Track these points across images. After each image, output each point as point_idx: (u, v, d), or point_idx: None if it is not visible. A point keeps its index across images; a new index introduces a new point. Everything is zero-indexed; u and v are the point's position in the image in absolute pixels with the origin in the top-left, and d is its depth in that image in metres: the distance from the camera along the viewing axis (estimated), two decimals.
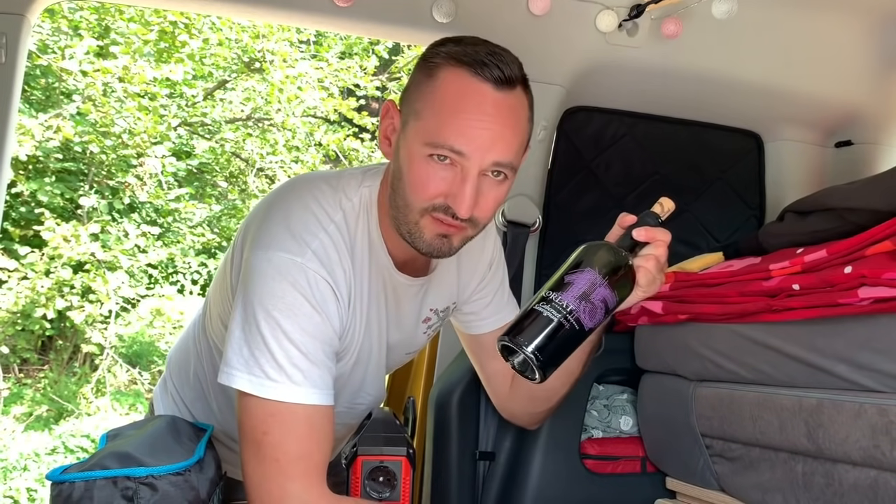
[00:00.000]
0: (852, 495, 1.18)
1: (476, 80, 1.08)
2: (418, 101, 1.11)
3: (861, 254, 1.19)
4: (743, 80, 1.89)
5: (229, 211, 8.16)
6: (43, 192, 6.30)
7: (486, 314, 1.44)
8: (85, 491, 0.96)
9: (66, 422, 6.11)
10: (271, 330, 1.06)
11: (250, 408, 1.07)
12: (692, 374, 1.55)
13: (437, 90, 1.09)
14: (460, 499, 1.71)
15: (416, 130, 1.10)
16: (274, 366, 1.06)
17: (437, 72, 1.10)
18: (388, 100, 1.16)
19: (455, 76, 1.08)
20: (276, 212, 1.16)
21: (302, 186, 1.20)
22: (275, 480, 1.04)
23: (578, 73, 1.81)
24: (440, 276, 1.34)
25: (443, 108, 1.08)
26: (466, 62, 1.08)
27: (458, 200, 1.08)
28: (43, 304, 6.17)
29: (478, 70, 1.07)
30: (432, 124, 1.08)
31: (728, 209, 2.07)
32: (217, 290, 1.31)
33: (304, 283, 1.09)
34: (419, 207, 1.11)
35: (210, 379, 1.36)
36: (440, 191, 1.09)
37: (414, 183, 1.10)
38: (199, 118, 7.85)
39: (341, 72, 7.98)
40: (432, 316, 1.38)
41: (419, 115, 1.10)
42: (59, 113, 6.32)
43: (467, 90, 1.08)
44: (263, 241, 1.12)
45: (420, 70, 1.13)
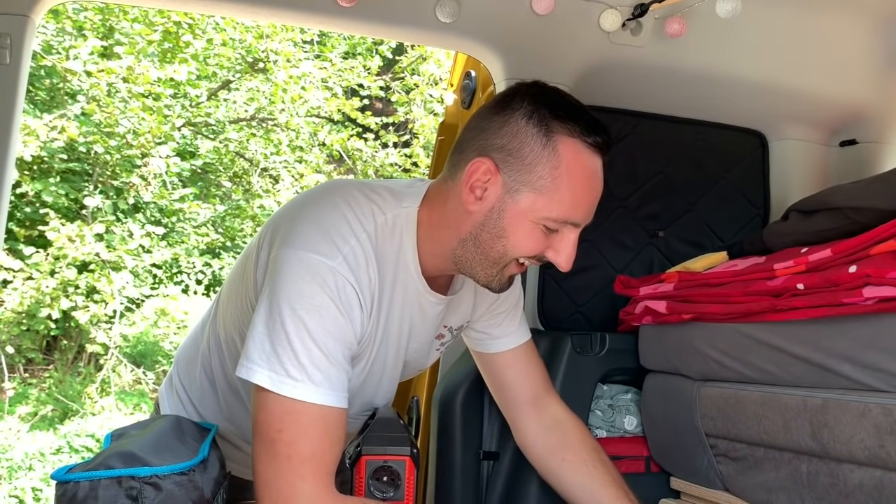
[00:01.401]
0: (857, 495, 1.18)
1: (592, 156, 1.13)
2: (540, 177, 1.11)
3: (866, 253, 1.18)
4: (747, 79, 1.89)
5: (233, 211, 8.17)
6: (48, 193, 6.32)
7: (497, 334, 1.46)
8: (90, 490, 0.96)
9: (70, 421, 6.12)
10: (296, 329, 1.07)
11: (267, 404, 1.07)
12: (696, 374, 1.55)
13: (563, 171, 1.11)
14: (464, 499, 1.71)
15: (535, 204, 1.12)
16: (295, 364, 1.06)
17: (560, 148, 1.11)
18: (485, 157, 1.13)
19: (576, 154, 1.12)
20: (309, 213, 1.17)
21: (336, 192, 1.21)
22: (285, 478, 1.05)
23: (582, 73, 1.81)
24: (461, 295, 1.37)
25: (571, 191, 1.12)
26: (584, 137, 1.12)
27: (561, 258, 1.17)
28: (48, 304, 6.19)
29: (592, 142, 1.13)
30: (557, 206, 1.12)
31: (732, 208, 2.06)
32: (233, 287, 1.31)
33: (333, 285, 1.10)
34: (514, 259, 1.17)
35: (218, 376, 1.36)
36: (543, 250, 1.17)
37: (521, 245, 1.15)
38: (202, 118, 7.86)
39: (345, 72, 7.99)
40: (446, 333, 1.40)
41: (541, 191, 1.12)
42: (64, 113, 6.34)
43: (587, 168, 1.13)
44: (295, 240, 1.13)
45: (533, 137, 1.12)
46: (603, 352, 1.77)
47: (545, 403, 1.47)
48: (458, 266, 1.22)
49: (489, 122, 1.15)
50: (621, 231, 1.95)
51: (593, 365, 1.76)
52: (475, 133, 1.17)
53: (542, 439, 1.46)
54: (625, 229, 1.95)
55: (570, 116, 1.12)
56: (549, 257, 1.17)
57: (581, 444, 1.43)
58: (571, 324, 1.89)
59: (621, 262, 1.95)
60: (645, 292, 1.68)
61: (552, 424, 1.46)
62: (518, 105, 1.14)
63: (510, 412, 1.50)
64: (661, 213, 1.99)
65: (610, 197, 1.96)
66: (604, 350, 1.77)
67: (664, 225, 1.99)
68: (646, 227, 1.98)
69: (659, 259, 1.97)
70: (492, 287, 1.22)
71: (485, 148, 1.14)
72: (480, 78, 1.96)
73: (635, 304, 1.71)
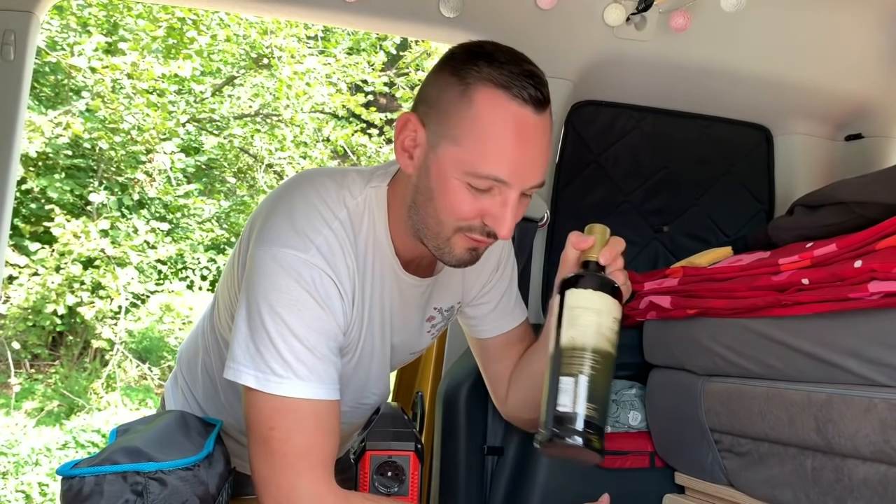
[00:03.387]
0: (862, 490, 1.17)
1: (515, 105, 1.03)
2: (455, 127, 1.05)
3: (871, 248, 1.18)
4: (752, 73, 1.88)
5: (238, 207, 8.19)
6: (53, 189, 6.34)
7: (491, 318, 1.43)
8: (95, 486, 0.97)
9: (76, 417, 6.15)
10: (276, 326, 1.06)
11: (256, 403, 1.07)
12: (701, 369, 1.55)
13: (477, 117, 1.04)
14: (468, 493, 1.71)
15: (454, 158, 1.06)
16: (279, 361, 1.06)
17: (474, 94, 1.04)
18: (407, 113, 1.10)
19: (494, 101, 1.03)
20: (280, 207, 1.16)
21: (305, 182, 1.19)
22: (282, 475, 1.05)
23: (586, 67, 1.80)
24: (446, 276, 1.34)
25: (485, 138, 1.04)
26: (504, 84, 1.03)
27: (498, 224, 1.08)
28: (53, 299, 6.22)
29: (516, 93, 1.03)
30: (473, 155, 1.04)
31: (737, 203, 2.06)
32: (225, 285, 1.31)
33: (309, 279, 1.09)
34: (453, 227, 1.10)
35: (218, 373, 1.37)
36: (477, 214, 1.08)
37: (449, 206, 1.08)
38: (207, 114, 7.87)
39: (349, 67, 7.98)
40: (436, 315, 1.38)
41: (457, 142, 1.05)
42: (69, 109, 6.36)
43: (508, 117, 1.03)
44: (267, 236, 1.12)
45: (451, 86, 1.06)
46: None
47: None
48: (423, 242, 1.16)
49: (424, 81, 1.13)
50: (625, 226, 1.94)
51: None
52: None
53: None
54: (629, 224, 1.95)
55: (493, 66, 1.04)
56: (488, 224, 1.09)
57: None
58: None
59: (626, 257, 1.94)
60: (649, 287, 1.67)
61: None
62: (447, 57, 1.09)
63: (495, 383, 1.46)
64: (666, 207, 1.99)
65: (614, 192, 1.96)
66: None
67: (669, 220, 1.98)
68: (650, 222, 1.97)
69: (663, 254, 1.97)
70: (445, 260, 1.15)
71: (415, 104, 1.12)
72: None
73: (639, 300, 1.71)
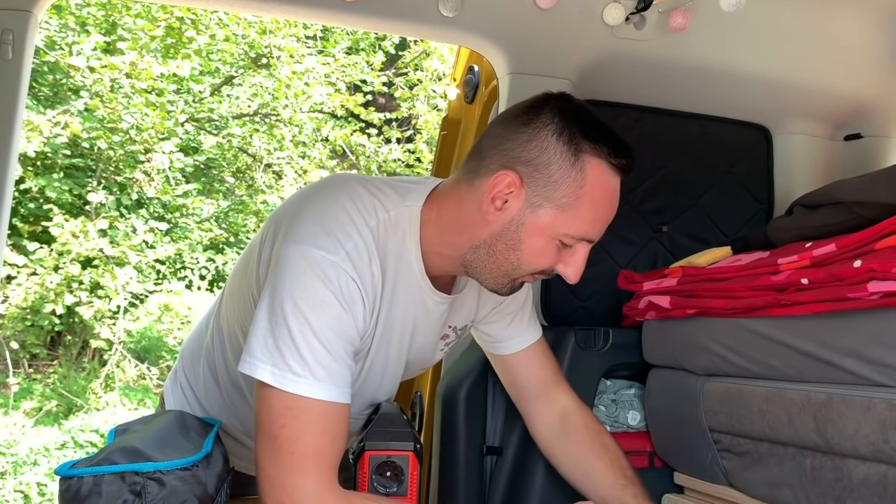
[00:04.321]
0: (861, 490, 1.17)
1: (613, 175, 1.14)
2: (564, 196, 1.12)
3: (870, 248, 1.18)
4: (751, 73, 1.88)
5: (237, 206, 8.18)
6: (51, 189, 6.34)
7: (507, 335, 1.47)
8: (93, 486, 0.97)
9: (75, 417, 6.14)
10: (298, 324, 1.07)
11: (270, 399, 1.07)
12: (700, 369, 1.55)
13: (588, 191, 1.12)
14: (468, 493, 1.71)
15: (556, 221, 1.13)
16: (298, 360, 1.06)
17: (585, 167, 1.12)
18: (510, 170, 1.13)
19: (602, 175, 1.13)
20: (312, 208, 1.16)
21: (339, 188, 1.20)
22: (287, 473, 1.05)
23: (585, 67, 1.80)
24: (464, 295, 1.36)
25: (591, 209, 1.14)
26: (609, 158, 1.13)
27: (571, 271, 1.18)
28: (52, 299, 6.21)
29: (616, 164, 1.13)
30: (577, 221, 1.13)
31: (736, 203, 2.05)
32: (236, 282, 1.31)
33: (336, 281, 1.10)
34: (527, 272, 1.19)
35: (221, 372, 1.36)
36: (555, 263, 1.18)
37: (535, 258, 1.16)
38: (206, 114, 7.87)
39: (348, 67, 7.98)
40: (451, 334, 1.40)
41: (564, 209, 1.13)
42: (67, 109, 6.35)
43: (608, 188, 1.15)
44: (297, 235, 1.13)
45: (563, 155, 1.11)
46: (606, 347, 1.77)
47: (554, 393, 1.50)
48: (467, 269, 1.22)
49: (515, 133, 1.14)
50: (625, 226, 1.94)
51: (597, 360, 1.76)
52: (499, 142, 1.15)
53: (550, 427, 1.49)
54: (628, 224, 1.94)
55: (599, 137, 1.13)
56: (559, 270, 1.19)
57: (585, 430, 1.46)
58: (575, 319, 1.89)
59: (625, 257, 1.94)
60: (649, 287, 1.67)
61: (560, 413, 1.49)
62: (548, 120, 1.13)
63: (521, 404, 1.52)
64: (665, 207, 1.98)
65: None
66: (607, 345, 1.77)
67: (668, 220, 1.98)
68: (649, 222, 1.97)
69: (662, 254, 1.97)
70: (499, 292, 1.23)
71: (510, 160, 1.13)
72: (483, 72, 1.95)
73: (639, 299, 1.71)
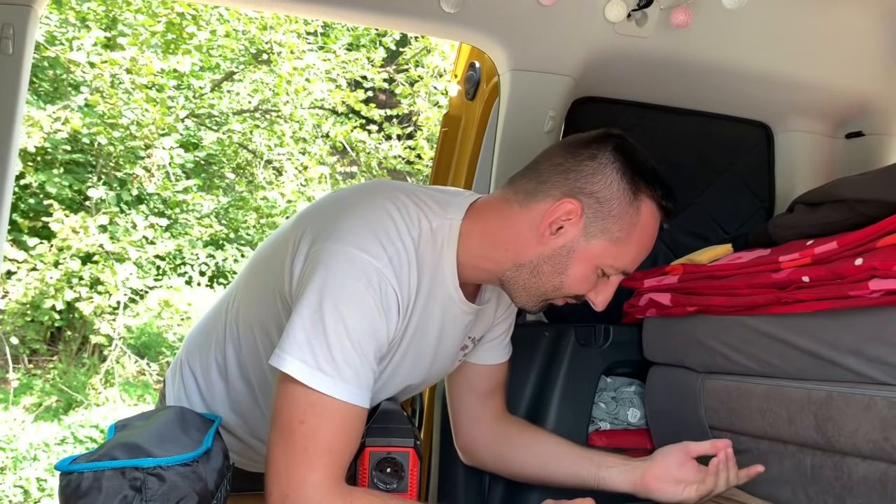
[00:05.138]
0: (861, 488, 1.17)
1: (660, 216, 1.22)
2: (619, 230, 1.18)
3: (872, 245, 1.18)
4: (753, 70, 1.88)
5: (237, 203, 8.16)
6: (51, 184, 6.32)
7: (488, 347, 1.48)
8: (94, 481, 0.96)
9: (75, 412, 6.14)
10: (335, 324, 1.08)
11: (293, 393, 1.07)
12: (701, 367, 1.55)
13: (640, 229, 1.20)
14: (467, 490, 1.71)
15: (606, 252, 1.19)
16: (328, 359, 1.07)
17: (641, 206, 1.19)
18: (574, 199, 1.18)
19: (653, 217, 1.21)
20: (355, 211, 1.18)
21: (383, 195, 1.21)
22: (298, 468, 1.05)
23: (587, 64, 1.80)
24: (487, 307, 1.38)
25: (638, 245, 1.21)
26: (660, 201, 1.20)
27: (600, 298, 1.25)
28: (52, 295, 6.20)
29: (665, 207, 1.21)
30: (624, 255, 1.20)
31: (737, 201, 2.05)
32: (258, 276, 1.31)
33: (377, 285, 1.11)
34: (564, 294, 1.24)
35: (231, 365, 1.36)
36: (590, 290, 1.24)
37: (577, 284, 1.22)
38: (206, 110, 7.85)
39: (349, 63, 7.96)
40: (469, 344, 1.41)
41: (617, 242, 1.19)
42: (67, 104, 6.33)
43: (655, 228, 1.23)
44: (341, 236, 1.13)
45: (624, 193, 1.18)
46: (607, 344, 1.76)
47: (494, 401, 1.53)
48: (504, 284, 1.25)
49: (581, 165, 1.19)
50: None
51: (597, 357, 1.76)
52: (562, 170, 1.20)
53: (492, 430, 1.52)
54: None
55: (654, 180, 1.20)
56: (589, 297, 1.25)
57: (526, 425, 1.54)
58: (575, 316, 1.88)
59: None
60: (649, 284, 1.67)
61: (500, 417, 1.53)
62: (613, 158, 1.19)
63: (463, 407, 1.54)
64: None
65: None
66: (607, 342, 1.76)
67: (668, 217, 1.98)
68: None
69: (663, 251, 1.96)
70: (528, 310, 1.28)
71: (574, 190, 1.18)
72: (485, 69, 1.95)
73: (639, 297, 1.71)
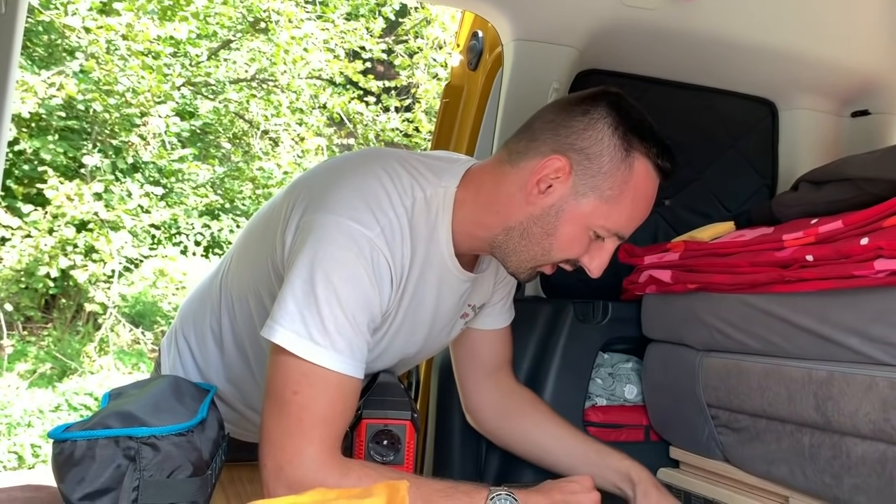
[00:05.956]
0: (860, 468, 1.17)
1: (656, 180, 1.18)
2: (610, 188, 1.14)
3: (878, 225, 1.16)
4: (759, 45, 1.85)
5: (232, 173, 8.12)
6: (46, 150, 6.27)
7: (488, 312, 1.47)
8: (87, 450, 0.95)
9: (69, 380, 6.15)
10: (326, 294, 1.06)
11: (286, 364, 1.07)
12: (700, 344, 1.54)
13: (633, 187, 1.15)
14: (463, 463, 1.71)
15: (596, 212, 1.15)
16: (321, 329, 1.06)
17: (634, 163, 1.15)
18: (562, 155, 1.14)
19: (647, 174, 1.16)
20: (348, 179, 1.16)
21: (376, 162, 1.19)
22: (292, 439, 1.05)
23: (592, 35, 1.76)
24: (485, 274, 1.37)
25: (632, 205, 1.16)
26: (658, 165, 1.16)
27: (595, 264, 1.20)
28: (46, 262, 6.18)
29: (661, 165, 1.17)
30: (617, 215, 1.15)
31: (739, 178, 2.04)
32: (251, 245, 1.30)
33: (369, 256, 1.10)
34: (555, 259, 1.19)
35: (226, 334, 1.35)
36: (583, 254, 1.19)
37: (567, 246, 1.17)
38: (202, 78, 7.77)
39: (347, 33, 7.88)
40: (469, 312, 1.40)
41: (608, 200, 1.14)
42: (62, 70, 6.26)
43: (650, 187, 1.17)
44: (333, 205, 1.12)
45: (616, 149, 1.14)
46: (605, 320, 1.76)
47: (502, 374, 1.52)
48: (493, 250, 1.22)
49: (572, 121, 1.16)
50: None
51: (595, 333, 1.75)
52: (553, 127, 1.17)
53: (497, 403, 1.51)
54: None
55: (650, 137, 1.16)
56: (583, 262, 1.20)
57: (534, 404, 1.51)
58: (574, 291, 1.88)
59: None
60: (650, 261, 1.66)
61: (507, 391, 1.51)
62: (605, 112, 1.15)
63: (470, 378, 1.53)
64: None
65: None
66: (606, 318, 1.76)
67: (670, 193, 1.96)
68: None
69: (664, 228, 1.95)
70: (518, 276, 1.24)
71: (563, 146, 1.15)
72: (488, 38, 1.91)
73: (639, 273, 1.70)
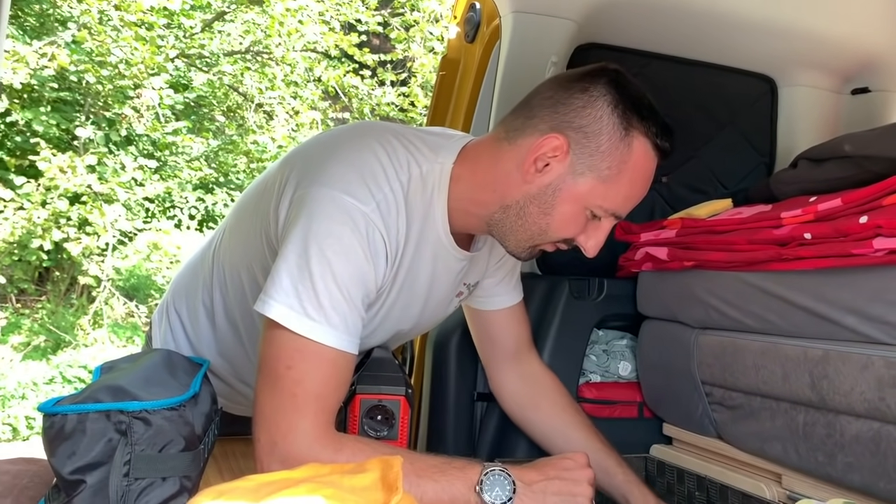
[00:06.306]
0: (854, 447, 1.17)
1: (655, 159, 1.15)
2: (608, 168, 1.11)
3: (878, 203, 1.15)
4: (760, 19, 1.82)
5: (227, 146, 8.06)
6: (38, 122, 6.21)
7: (495, 292, 1.46)
8: (77, 423, 0.94)
9: (63, 352, 6.14)
10: (321, 269, 1.05)
11: (280, 339, 1.06)
12: (695, 322, 1.53)
13: (631, 166, 1.12)
14: (457, 439, 1.71)
15: (593, 191, 1.12)
16: (315, 304, 1.05)
17: (633, 143, 1.12)
18: (560, 133, 1.11)
19: (646, 153, 1.13)
20: (343, 153, 1.14)
21: (371, 136, 1.17)
22: (286, 414, 1.04)
23: (591, 8, 1.74)
24: (481, 253, 1.35)
25: (629, 184, 1.13)
26: (657, 144, 1.13)
27: (591, 243, 1.17)
28: (39, 234, 6.14)
29: (660, 145, 1.14)
30: (614, 195, 1.13)
31: (737, 155, 2.02)
32: (244, 219, 1.28)
33: (364, 230, 1.08)
34: (552, 238, 1.17)
35: (217, 308, 1.34)
36: (580, 233, 1.17)
37: (564, 225, 1.15)
38: (196, 50, 7.69)
39: (343, 6, 7.79)
40: (464, 290, 1.39)
41: (605, 180, 1.12)
42: (54, 40, 6.18)
43: (648, 167, 1.14)
44: (328, 179, 1.10)
45: (614, 128, 1.11)
46: (600, 297, 1.75)
47: (525, 359, 1.51)
48: (491, 229, 1.20)
49: (570, 98, 1.13)
50: None
51: (590, 310, 1.75)
52: (551, 104, 1.14)
53: (519, 390, 1.51)
54: None
55: (649, 116, 1.13)
56: (580, 241, 1.18)
57: (554, 394, 1.49)
58: (569, 268, 1.87)
59: None
60: (646, 238, 1.65)
61: (529, 377, 1.51)
62: (605, 91, 1.12)
63: (493, 363, 1.53)
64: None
65: None
66: (601, 295, 1.75)
67: (668, 170, 1.95)
68: None
69: (660, 205, 1.94)
70: (518, 256, 1.23)
71: (561, 124, 1.12)
72: (485, 10, 1.88)
73: (636, 250, 1.69)
